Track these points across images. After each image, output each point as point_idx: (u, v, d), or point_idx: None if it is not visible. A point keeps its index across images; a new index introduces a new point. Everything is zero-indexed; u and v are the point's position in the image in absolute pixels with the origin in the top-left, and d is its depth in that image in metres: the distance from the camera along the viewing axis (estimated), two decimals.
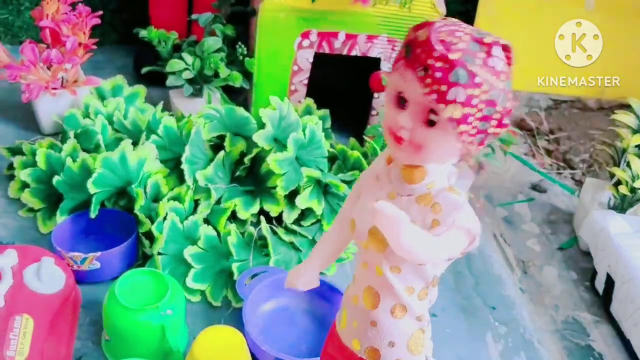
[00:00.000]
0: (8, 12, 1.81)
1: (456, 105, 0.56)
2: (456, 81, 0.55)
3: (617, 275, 1.20)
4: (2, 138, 1.43)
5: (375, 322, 0.69)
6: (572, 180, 1.67)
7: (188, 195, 1.17)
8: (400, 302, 0.68)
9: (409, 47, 0.58)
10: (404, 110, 0.60)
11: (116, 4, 1.85)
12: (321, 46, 1.39)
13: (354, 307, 0.71)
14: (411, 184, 0.64)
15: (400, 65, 0.59)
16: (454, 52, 0.55)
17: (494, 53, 0.57)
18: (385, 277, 0.66)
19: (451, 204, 0.60)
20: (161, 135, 1.23)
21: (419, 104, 0.58)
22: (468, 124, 0.57)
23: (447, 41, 0.56)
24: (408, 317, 0.69)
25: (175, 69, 1.39)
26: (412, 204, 0.63)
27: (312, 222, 1.23)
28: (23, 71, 1.34)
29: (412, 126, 0.59)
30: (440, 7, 1.38)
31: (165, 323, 0.93)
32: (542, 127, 1.86)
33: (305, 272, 0.78)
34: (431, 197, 0.62)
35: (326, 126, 1.44)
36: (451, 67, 0.55)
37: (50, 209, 1.20)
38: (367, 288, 0.69)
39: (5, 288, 0.93)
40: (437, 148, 0.60)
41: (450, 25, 0.58)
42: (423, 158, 0.61)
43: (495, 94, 0.57)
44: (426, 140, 0.59)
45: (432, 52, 0.56)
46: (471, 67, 0.56)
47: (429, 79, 0.56)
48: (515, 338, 1.14)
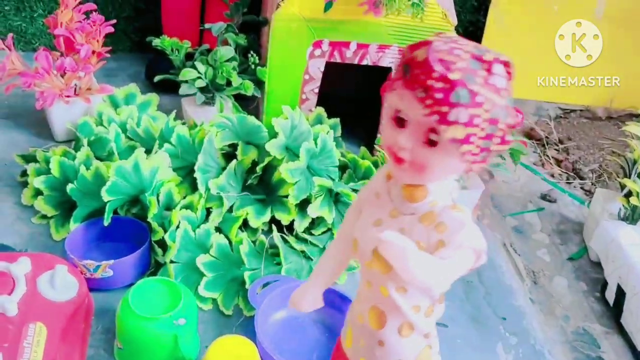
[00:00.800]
0: (21, 19, 1.82)
1: (458, 126, 0.55)
2: (457, 101, 0.54)
3: (628, 287, 1.20)
4: (16, 145, 1.44)
5: (382, 342, 0.68)
6: (582, 190, 1.67)
7: (200, 204, 1.18)
8: (407, 321, 0.67)
9: (407, 67, 0.57)
10: (403, 130, 0.58)
11: (129, 12, 1.87)
12: (333, 55, 1.40)
13: (360, 326, 0.70)
14: (413, 202, 0.63)
15: (399, 85, 0.57)
16: (454, 71, 0.54)
17: (494, 70, 0.55)
18: (391, 297, 0.65)
19: (456, 224, 0.59)
20: (174, 144, 1.24)
21: (419, 124, 0.57)
22: (471, 143, 0.56)
23: (447, 60, 0.54)
24: (415, 335, 0.68)
25: (188, 77, 1.40)
26: (416, 224, 0.62)
27: (323, 230, 1.23)
28: (37, 79, 1.35)
29: (412, 146, 0.58)
30: (452, 17, 1.38)
31: (178, 332, 0.94)
32: (551, 136, 1.86)
33: (309, 293, 0.76)
34: (435, 215, 0.61)
35: (336, 135, 1.44)
36: (452, 88, 0.54)
37: (63, 217, 1.21)
38: (373, 307, 0.68)
39: (19, 296, 0.94)
40: (439, 168, 0.59)
41: (449, 42, 0.56)
42: (425, 178, 0.60)
43: (497, 111, 0.56)
44: (428, 160, 0.58)
45: (431, 73, 0.54)
46: (472, 87, 0.54)
47: (429, 100, 0.54)
48: (525, 349, 1.14)
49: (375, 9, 1.34)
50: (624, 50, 1.89)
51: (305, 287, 0.77)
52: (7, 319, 0.90)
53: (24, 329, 0.90)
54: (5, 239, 1.19)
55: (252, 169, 1.27)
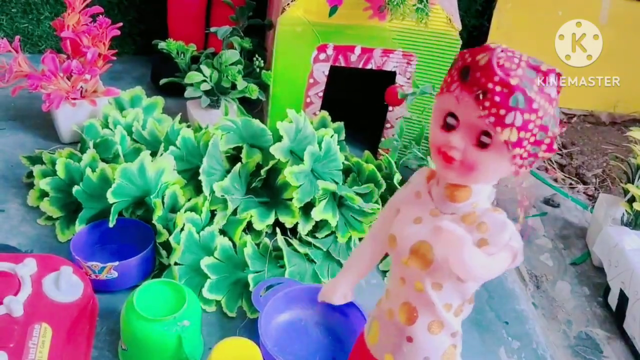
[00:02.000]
0: (28, 21, 1.84)
1: (513, 129, 0.58)
2: (515, 106, 0.57)
3: (631, 292, 1.20)
4: (22, 146, 1.45)
5: (411, 338, 0.70)
6: (585, 195, 1.67)
7: (205, 206, 1.18)
8: (438, 319, 0.69)
9: (466, 71, 0.59)
10: (453, 131, 0.61)
11: (135, 15, 1.88)
12: (337, 60, 1.40)
13: (388, 322, 0.72)
14: (456, 202, 0.65)
15: (455, 87, 0.60)
16: (514, 77, 0.57)
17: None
18: (426, 293, 0.67)
19: (499, 225, 0.62)
20: (179, 147, 1.25)
21: (472, 125, 0.60)
22: (522, 147, 0.59)
23: (507, 67, 0.57)
24: (444, 333, 0.70)
25: (194, 80, 1.41)
26: (457, 223, 0.64)
27: (327, 234, 1.24)
28: (44, 81, 1.36)
29: (463, 147, 0.60)
30: (456, 22, 1.39)
31: (183, 334, 0.94)
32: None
33: (341, 287, 0.79)
34: (476, 216, 0.64)
35: (340, 139, 1.45)
36: (510, 92, 0.57)
37: (68, 218, 1.22)
38: (404, 303, 0.70)
39: (25, 297, 0.95)
40: (488, 169, 0.61)
41: (507, 51, 0.59)
42: (474, 178, 0.63)
43: (547, 119, 0.59)
44: (478, 161, 0.61)
45: (493, 77, 0.57)
46: (529, 93, 0.57)
47: (487, 102, 0.57)
48: (528, 353, 1.14)
49: (380, 13, 1.34)
50: (627, 54, 1.89)
51: (336, 281, 0.80)
52: (13, 319, 0.91)
53: (29, 330, 0.90)
54: (11, 240, 1.20)
55: (256, 172, 1.28)
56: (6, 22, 1.83)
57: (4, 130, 1.52)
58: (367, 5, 1.34)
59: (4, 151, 1.44)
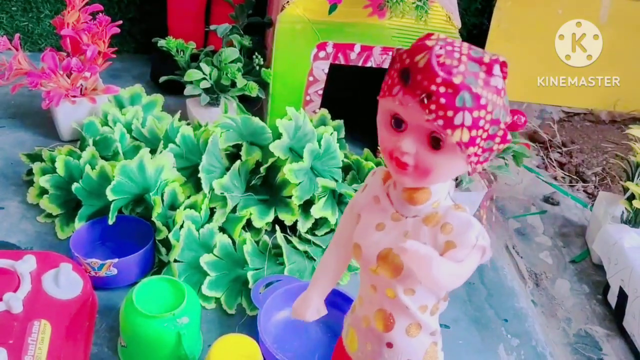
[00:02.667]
0: (28, 19, 1.84)
1: (464, 129, 0.55)
2: (462, 105, 0.54)
3: (630, 290, 1.20)
4: (22, 144, 1.46)
5: (391, 344, 0.68)
6: (585, 193, 1.67)
7: (204, 204, 1.18)
8: (415, 321, 0.67)
9: (406, 73, 0.56)
10: (402, 135, 0.58)
11: (135, 13, 1.88)
12: (337, 57, 1.40)
13: (365, 330, 0.70)
14: (416, 205, 0.63)
15: (398, 91, 0.57)
16: (457, 75, 0.54)
17: (494, 72, 0.55)
18: (399, 299, 0.65)
19: (464, 224, 0.60)
20: (179, 144, 1.25)
21: (420, 128, 0.57)
22: (475, 145, 0.56)
23: (448, 64, 0.54)
24: (423, 334, 0.68)
25: (193, 78, 1.41)
26: (420, 226, 0.62)
27: (326, 231, 1.24)
28: (44, 79, 1.36)
29: (415, 151, 0.58)
30: (455, 20, 1.39)
31: (182, 330, 0.94)
32: (554, 139, 1.86)
33: (312, 302, 0.76)
34: (439, 216, 0.61)
35: (340, 137, 1.45)
36: (456, 92, 0.54)
37: (68, 215, 1.22)
38: (379, 310, 0.68)
39: (24, 293, 0.95)
40: (444, 170, 0.59)
41: (446, 46, 0.56)
42: (429, 181, 0.60)
43: (497, 112, 0.56)
44: (433, 164, 0.58)
45: (434, 78, 0.54)
46: (475, 89, 0.54)
47: (433, 105, 0.54)
48: (527, 351, 1.15)
49: (380, 11, 1.34)
50: (626, 53, 1.89)
51: (306, 297, 0.77)
52: (12, 316, 0.91)
53: (28, 326, 0.91)
54: (11, 237, 1.20)
55: (256, 170, 1.28)
56: (6, 20, 1.83)
57: (3, 127, 1.52)
58: (367, 3, 1.34)
59: (3, 149, 1.45)
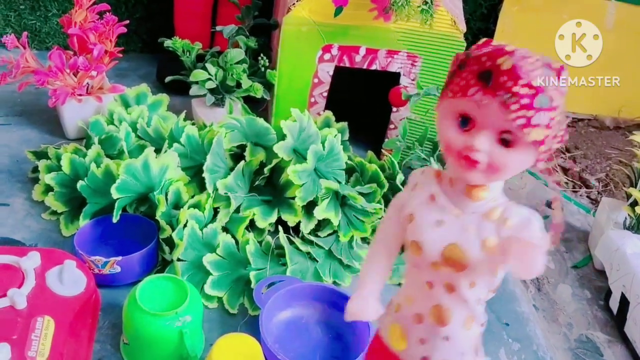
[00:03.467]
0: (36, 18, 1.85)
1: (539, 129, 0.59)
2: (540, 106, 0.58)
3: (632, 296, 1.20)
4: (28, 142, 1.46)
5: (448, 337, 0.71)
6: (588, 199, 1.67)
7: (208, 203, 1.19)
8: (471, 314, 0.70)
9: (488, 75, 0.60)
10: (471, 134, 0.62)
11: (142, 13, 1.89)
12: (342, 60, 1.41)
13: (417, 327, 0.72)
14: (477, 201, 0.66)
15: (475, 91, 0.60)
16: (536, 78, 0.58)
17: (562, 76, 0.60)
18: (460, 293, 0.68)
19: (525, 219, 0.63)
20: (183, 144, 1.26)
21: (491, 126, 0.60)
22: (546, 144, 0.61)
23: (528, 68, 0.59)
24: (475, 325, 0.71)
25: (199, 78, 1.42)
26: (482, 221, 0.65)
27: (329, 233, 1.24)
28: (50, 77, 1.37)
29: (488, 149, 0.61)
30: (461, 24, 1.39)
31: (184, 329, 0.95)
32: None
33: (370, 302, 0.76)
34: (498, 211, 0.65)
35: (344, 139, 1.45)
36: (535, 93, 0.58)
37: (73, 213, 1.23)
38: (435, 306, 0.70)
39: (28, 289, 0.96)
40: (513, 168, 0.62)
41: (521, 50, 0.60)
42: (498, 178, 0.64)
43: (562, 113, 0.61)
44: (506, 162, 0.61)
45: (518, 80, 0.58)
46: (550, 92, 0.59)
47: (515, 105, 0.58)
48: (528, 355, 1.15)
49: (385, 14, 1.35)
50: (632, 59, 1.89)
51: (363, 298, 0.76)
52: (16, 311, 0.92)
53: (32, 322, 0.91)
54: (16, 234, 1.21)
55: (259, 170, 1.29)
56: (14, 18, 1.84)
57: (10, 125, 1.53)
58: (373, 6, 1.34)
59: (10, 146, 1.46)
